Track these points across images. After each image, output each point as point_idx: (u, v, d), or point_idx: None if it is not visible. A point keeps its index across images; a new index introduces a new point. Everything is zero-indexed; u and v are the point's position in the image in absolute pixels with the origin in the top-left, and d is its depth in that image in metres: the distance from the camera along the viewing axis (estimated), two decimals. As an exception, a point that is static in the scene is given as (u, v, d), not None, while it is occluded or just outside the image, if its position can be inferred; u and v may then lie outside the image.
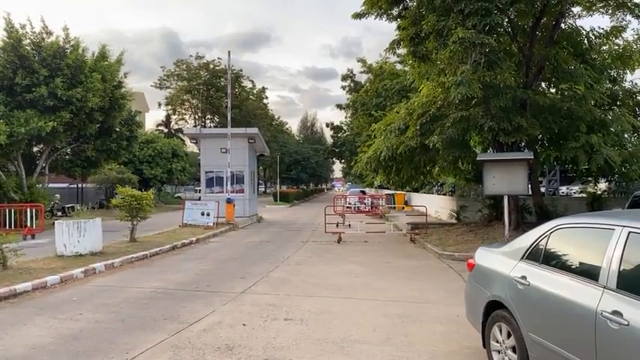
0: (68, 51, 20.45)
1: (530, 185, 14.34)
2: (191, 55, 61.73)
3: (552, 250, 4.04)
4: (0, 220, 16.28)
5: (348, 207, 25.25)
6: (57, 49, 19.88)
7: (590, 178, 18.53)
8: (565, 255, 3.95)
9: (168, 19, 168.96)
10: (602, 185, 20.49)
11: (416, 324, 6.26)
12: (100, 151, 24.84)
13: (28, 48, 19.63)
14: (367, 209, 27.54)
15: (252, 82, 65.45)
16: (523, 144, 14.12)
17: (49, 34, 20.67)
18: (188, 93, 61.47)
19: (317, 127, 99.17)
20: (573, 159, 12.58)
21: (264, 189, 77.71)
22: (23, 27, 19.95)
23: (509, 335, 4.23)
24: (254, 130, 25.87)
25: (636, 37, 14.62)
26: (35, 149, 24.24)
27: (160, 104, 63.13)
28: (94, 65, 21.19)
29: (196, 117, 63.60)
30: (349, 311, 6.92)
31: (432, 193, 30.05)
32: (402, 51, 16.39)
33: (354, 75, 40.17)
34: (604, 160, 11.64)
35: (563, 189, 27.08)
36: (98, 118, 21.70)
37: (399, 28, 14.80)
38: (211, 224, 18.92)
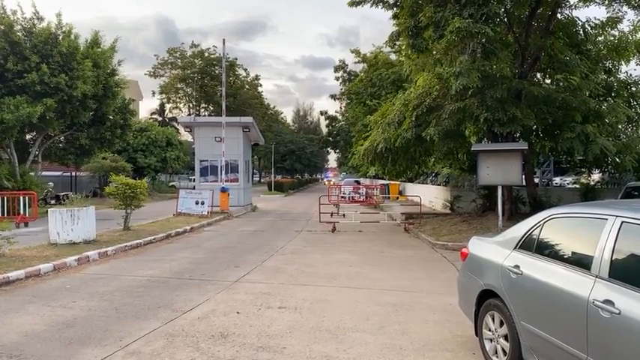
0: (60, 37, 20.23)
1: (524, 176, 14.38)
2: (183, 43, 61.52)
3: (545, 240, 4.06)
4: (-8, 208, 16.19)
5: (342, 197, 25.27)
6: (48, 35, 19.65)
7: (583, 169, 18.62)
8: (558, 244, 3.96)
9: (164, 6, 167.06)
10: (596, 176, 20.62)
11: (409, 313, 6.30)
12: (94, 139, 24.70)
13: (19, 34, 19.40)
14: (361, 199, 27.58)
15: (246, 70, 65.05)
16: (518, 134, 14.14)
17: (40, 19, 20.43)
18: (182, 81, 61.09)
19: (312, 116, 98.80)
20: (569, 149, 12.62)
21: (258, 178, 77.61)
22: (14, 13, 19.70)
23: (501, 324, 4.26)
24: (249, 120, 25.75)
25: (632, 28, 14.59)
26: (28, 137, 24.10)
27: (154, 93, 62.79)
28: (86, 52, 20.98)
29: (191, 105, 63.30)
30: (343, 300, 6.94)
31: (427, 184, 30.14)
32: (401, 43, 16.27)
33: (347, 66, 40.08)
34: (600, 149, 11.68)
35: (557, 180, 27.23)
36: (91, 106, 21.54)
37: (394, 17, 14.72)
38: (205, 213, 18.90)
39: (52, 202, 23.41)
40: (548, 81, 15.29)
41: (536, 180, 22.04)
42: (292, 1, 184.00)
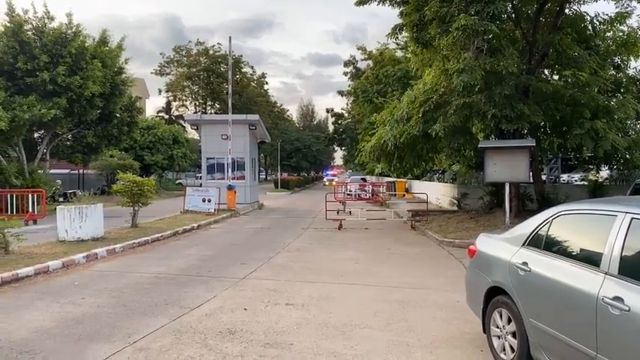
0: (69, 37, 20.34)
1: (531, 173, 14.29)
2: (190, 41, 61.58)
3: (554, 237, 4.03)
4: (1, 206, 16.30)
5: (348, 194, 25.25)
6: (58, 35, 19.77)
7: (591, 166, 18.47)
8: (567, 241, 3.94)
9: (170, 4, 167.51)
10: (604, 173, 20.45)
11: (416, 310, 6.29)
12: (101, 137, 24.83)
13: (30, 33, 19.53)
14: (368, 197, 27.51)
15: (252, 67, 65.17)
16: (525, 131, 14.06)
17: (51, 19, 20.54)
18: (188, 79, 61.23)
19: (317, 113, 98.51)
20: (578, 146, 12.52)
21: (265, 176, 77.73)
22: (26, 12, 19.84)
23: (509, 321, 4.25)
24: (255, 117, 25.78)
25: (641, 23, 14.43)
26: (36, 135, 24.29)
27: (160, 91, 62.98)
28: (94, 51, 21.10)
29: (197, 103, 63.46)
30: (350, 297, 6.95)
31: (433, 181, 30.04)
32: (404, 37, 16.21)
33: (357, 61, 39.74)
34: (611, 145, 11.59)
35: (564, 177, 27.06)
36: (99, 104, 21.67)
37: (402, 14, 14.64)
38: (212, 211, 18.95)
39: (60, 199, 23.55)
40: (556, 77, 15.18)
41: (544, 177, 21.90)
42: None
